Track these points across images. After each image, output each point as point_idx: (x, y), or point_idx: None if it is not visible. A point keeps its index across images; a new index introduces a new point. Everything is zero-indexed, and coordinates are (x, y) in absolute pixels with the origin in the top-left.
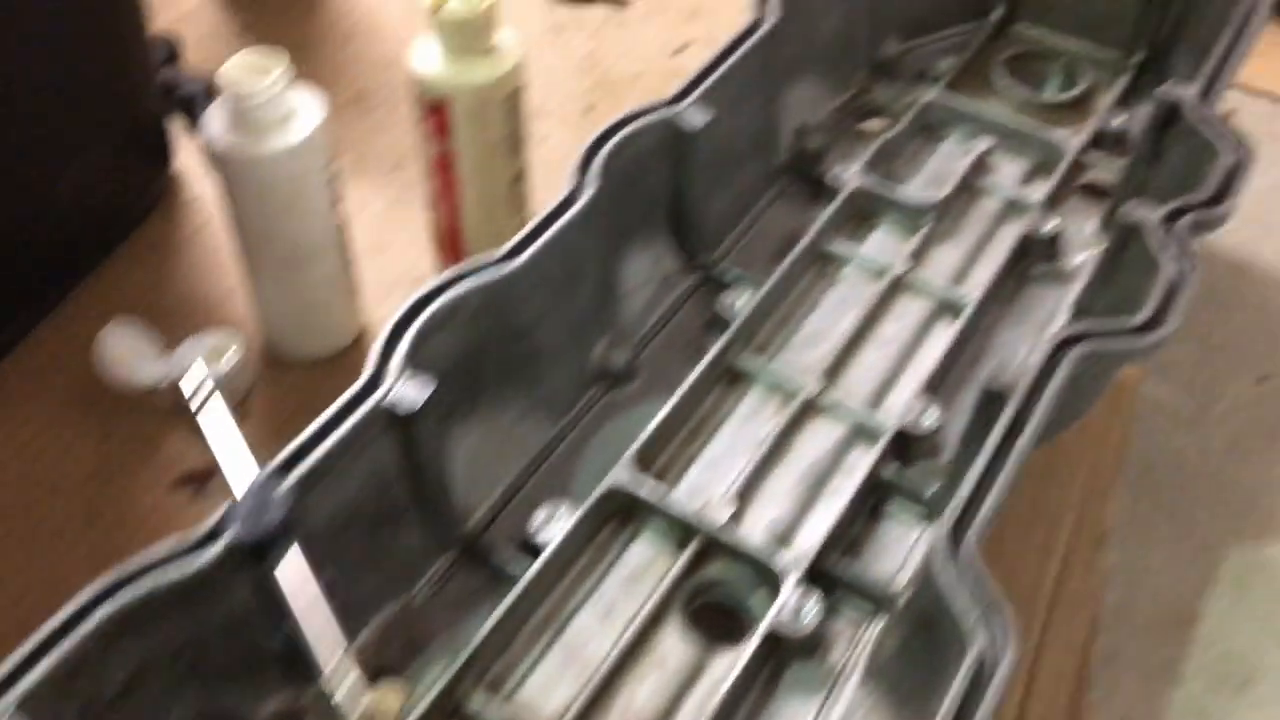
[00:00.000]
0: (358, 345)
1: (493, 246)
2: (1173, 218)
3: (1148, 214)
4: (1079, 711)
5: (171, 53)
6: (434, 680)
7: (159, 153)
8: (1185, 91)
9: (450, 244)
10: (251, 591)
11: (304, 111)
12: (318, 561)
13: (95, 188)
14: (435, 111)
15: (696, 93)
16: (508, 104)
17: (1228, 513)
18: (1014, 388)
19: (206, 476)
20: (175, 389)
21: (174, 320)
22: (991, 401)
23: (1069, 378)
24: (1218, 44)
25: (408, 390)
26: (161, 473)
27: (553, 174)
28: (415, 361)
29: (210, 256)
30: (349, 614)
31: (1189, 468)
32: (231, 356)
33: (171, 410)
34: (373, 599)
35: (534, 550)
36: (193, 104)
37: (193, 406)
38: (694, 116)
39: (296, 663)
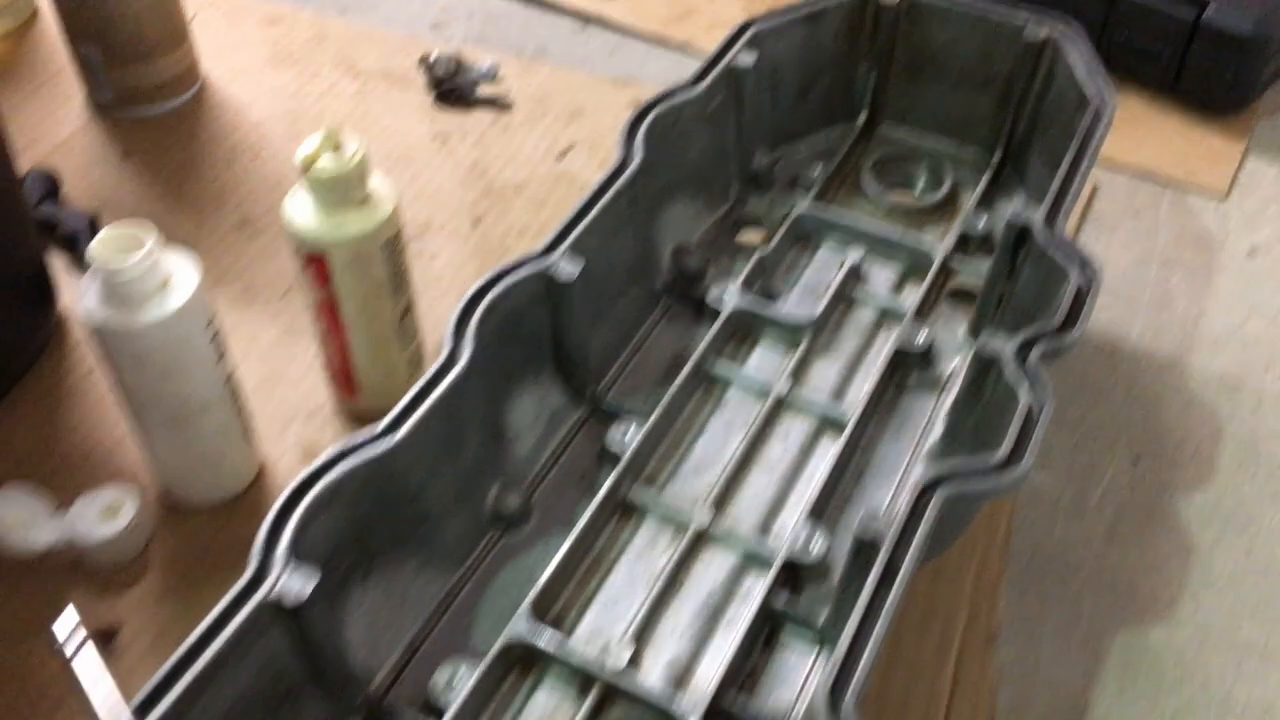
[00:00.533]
0: (257, 484)
1: (385, 380)
2: (1025, 348)
3: (1003, 346)
4: None
5: (50, 187)
6: None
7: (43, 295)
8: (1034, 215)
9: (344, 378)
10: None
11: (179, 276)
12: None
13: None
14: (314, 261)
15: (566, 243)
16: (387, 248)
17: (1112, 598)
18: (884, 535)
19: (111, 634)
20: (71, 548)
21: (65, 475)
22: (864, 549)
23: (935, 520)
24: (1062, 162)
25: (293, 582)
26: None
27: (444, 293)
28: (300, 549)
29: (98, 404)
30: None
31: (1072, 557)
32: (128, 511)
33: (70, 569)
34: None
35: (438, 712)
36: (76, 241)
37: (66, 653)
38: (566, 267)
39: None
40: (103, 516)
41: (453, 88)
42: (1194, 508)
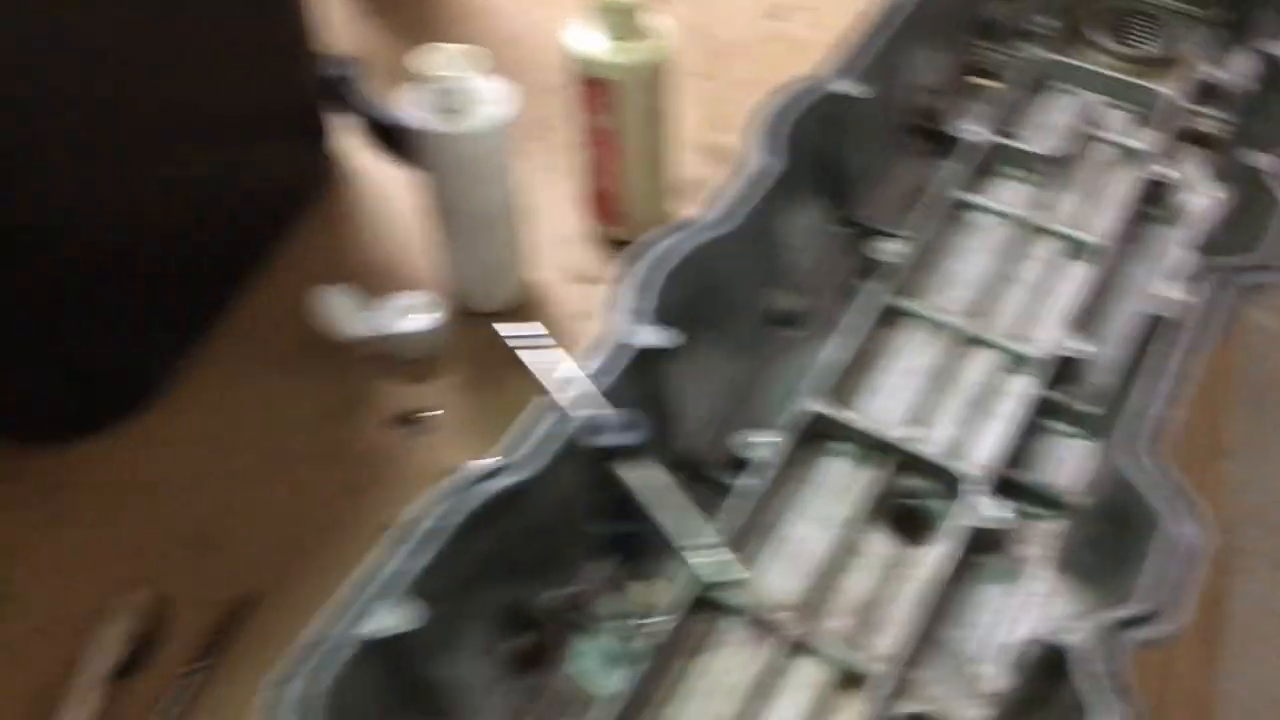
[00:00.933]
0: (528, 299)
1: (646, 208)
2: None
3: (1264, 159)
4: (1219, 597)
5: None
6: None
7: (320, 133)
8: None
9: (607, 207)
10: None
11: (493, 96)
12: None
13: (274, 168)
14: (596, 88)
15: (852, 66)
16: (661, 79)
17: None
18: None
19: (417, 417)
20: (382, 340)
21: (366, 282)
22: (1157, 327)
23: (1230, 307)
24: None
25: (657, 336)
26: (377, 413)
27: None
28: (660, 310)
29: (386, 225)
30: None
31: None
32: (430, 309)
33: (380, 359)
34: None
35: (742, 465)
36: (342, 87)
37: (522, 346)
38: (853, 87)
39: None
40: (408, 313)
41: None
42: None
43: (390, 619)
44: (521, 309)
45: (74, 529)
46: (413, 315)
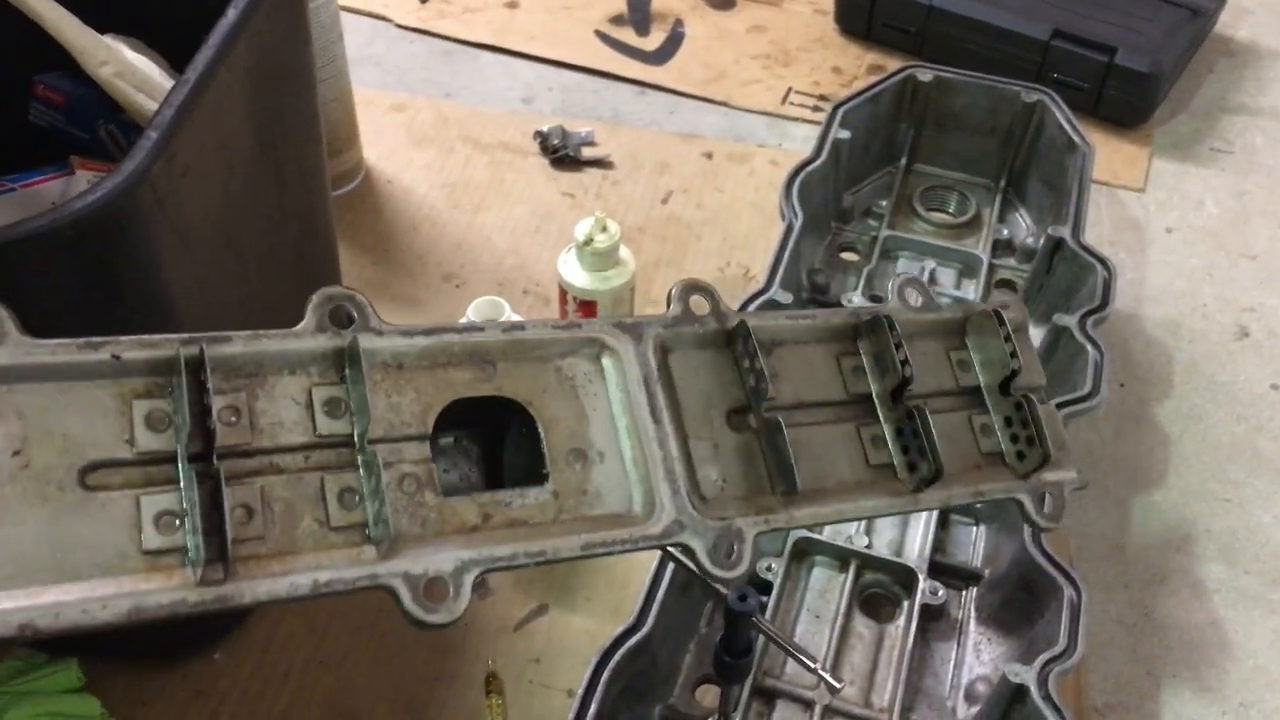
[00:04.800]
0: None
1: None
2: (1084, 319)
3: (1070, 320)
4: None
5: None
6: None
7: None
8: (1063, 230)
9: None
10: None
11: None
12: None
13: None
14: (585, 306)
15: (777, 279)
16: (629, 293)
17: (1124, 473)
18: None
19: (484, 582)
20: None
21: None
22: None
23: None
24: (1057, 186)
25: None
26: None
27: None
28: None
29: None
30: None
31: (1093, 450)
32: None
33: None
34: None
35: (766, 585)
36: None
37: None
38: (783, 295)
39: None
40: None
41: (564, 153)
42: (1164, 411)
43: None
44: None
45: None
46: None
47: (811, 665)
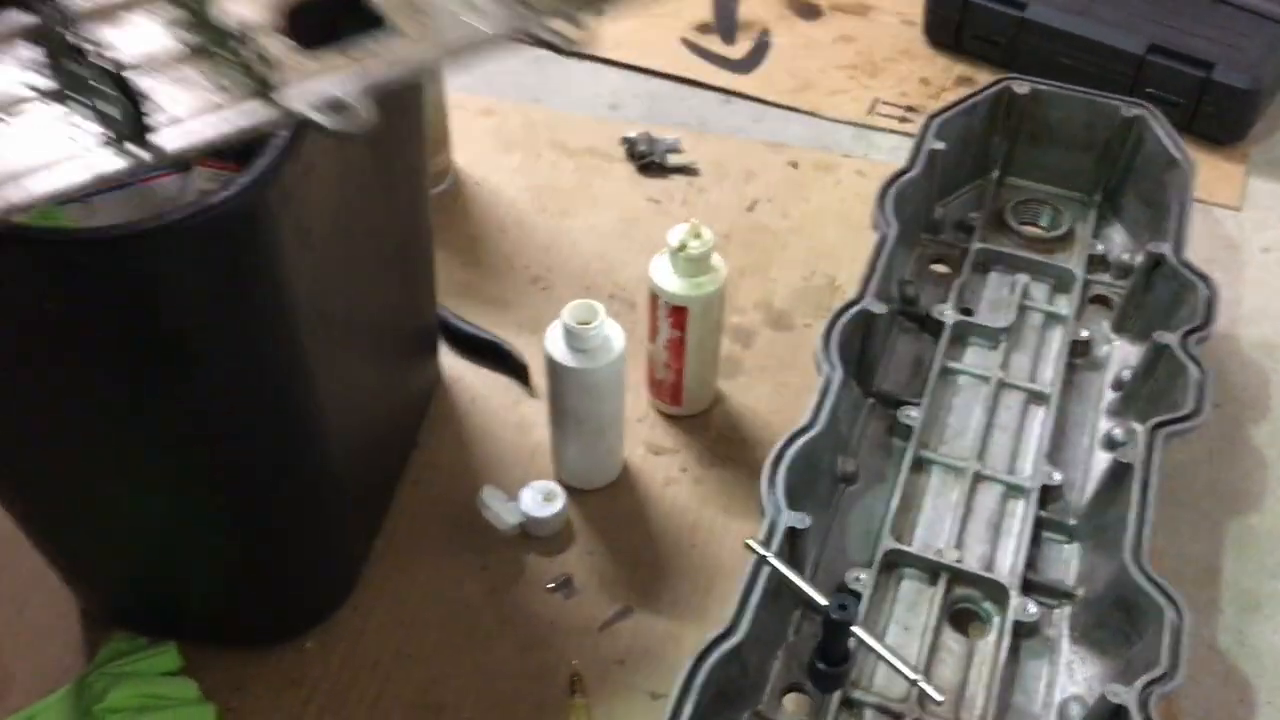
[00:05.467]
0: (623, 474)
1: (700, 392)
2: (1186, 336)
3: (1172, 338)
4: None
5: None
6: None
7: (435, 350)
8: (1165, 246)
9: (667, 392)
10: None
11: (613, 336)
12: None
13: (415, 378)
14: (677, 312)
15: (871, 287)
16: (722, 302)
17: (1219, 497)
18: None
19: (568, 582)
20: (524, 523)
21: (486, 475)
22: (1120, 471)
23: (1163, 452)
24: (1156, 202)
25: (795, 519)
26: (531, 582)
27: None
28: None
29: (485, 422)
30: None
31: (1187, 473)
32: (559, 496)
33: (522, 538)
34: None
35: (854, 592)
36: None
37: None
38: (877, 305)
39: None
40: (544, 501)
41: (651, 160)
42: (1260, 434)
43: None
44: (618, 481)
45: (317, 709)
46: (547, 501)
47: (914, 677)
